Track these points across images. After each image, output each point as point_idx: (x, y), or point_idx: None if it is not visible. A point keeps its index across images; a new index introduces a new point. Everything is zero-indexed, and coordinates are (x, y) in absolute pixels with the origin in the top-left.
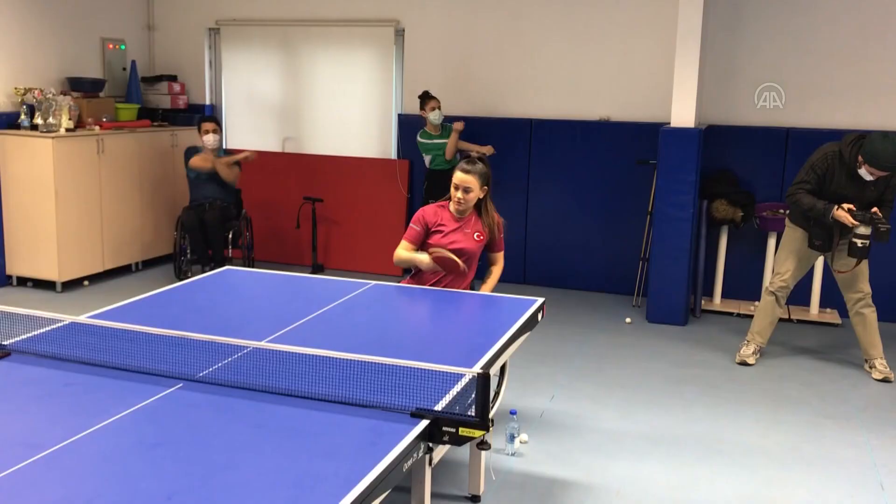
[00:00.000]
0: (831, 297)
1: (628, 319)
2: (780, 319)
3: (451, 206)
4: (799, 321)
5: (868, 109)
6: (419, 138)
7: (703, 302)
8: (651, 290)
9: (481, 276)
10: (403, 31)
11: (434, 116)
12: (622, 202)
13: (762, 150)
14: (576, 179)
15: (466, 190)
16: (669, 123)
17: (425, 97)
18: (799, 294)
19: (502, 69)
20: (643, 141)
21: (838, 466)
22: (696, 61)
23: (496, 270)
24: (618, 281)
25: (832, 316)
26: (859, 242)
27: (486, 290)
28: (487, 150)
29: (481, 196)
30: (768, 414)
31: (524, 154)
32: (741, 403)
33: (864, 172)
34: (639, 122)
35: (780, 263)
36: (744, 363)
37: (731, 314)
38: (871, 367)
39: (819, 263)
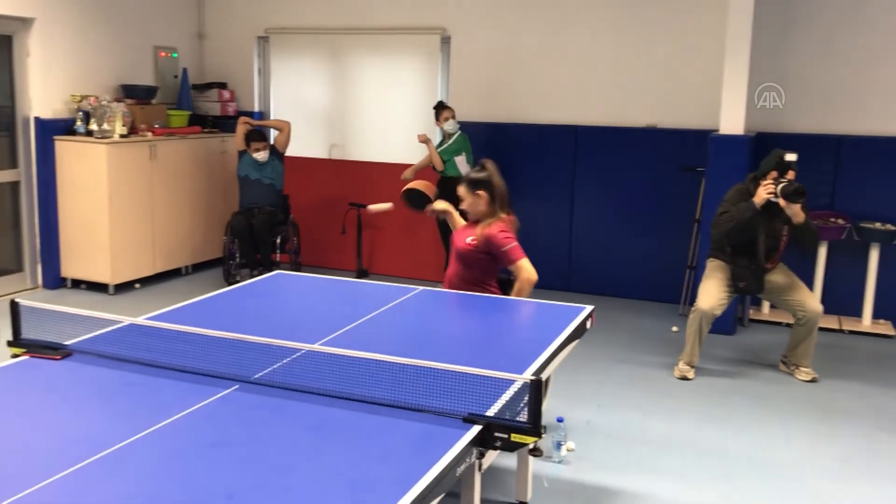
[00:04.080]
0: (884, 307)
1: (675, 328)
2: (833, 330)
3: None
4: (851, 332)
5: None
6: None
7: (751, 311)
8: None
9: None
10: (449, 38)
11: (449, 126)
12: (669, 210)
13: (812, 158)
14: (622, 187)
15: (462, 202)
16: (718, 130)
17: (440, 107)
18: (851, 304)
19: (548, 76)
20: (690, 148)
21: (893, 481)
22: (746, 67)
23: (515, 286)
24: (664, 289)
25: (885, 327)
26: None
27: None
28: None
29: (487, 200)
30: (820, 426)
31: (569, 161)
32: (791, 415)
33: (762, 192)
34: (686, 129)
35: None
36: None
37: (779, 324)
38: (794, 369)
39: (873, 267)
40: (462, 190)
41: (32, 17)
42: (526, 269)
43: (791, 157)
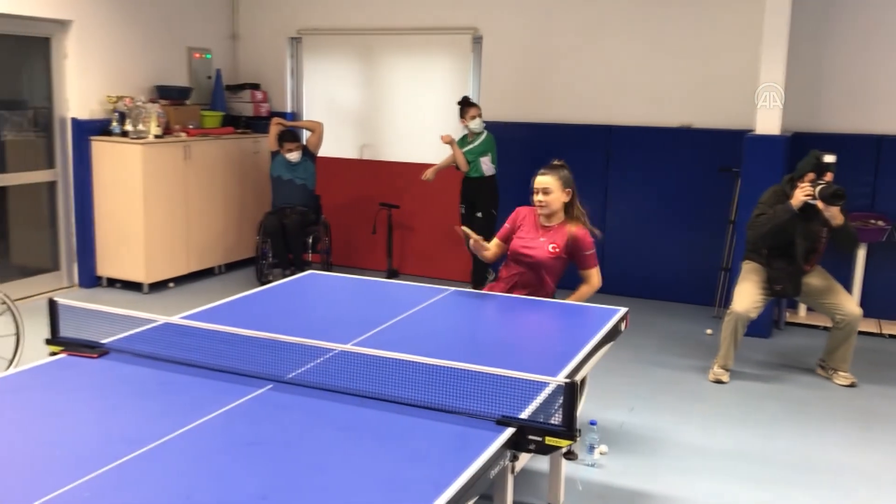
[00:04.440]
0: None
1: (709, 331)
2: (872, 334)
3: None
4: (891, 336)
5: None
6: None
7: (787, 314)
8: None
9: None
10: (481, 38)
11: (475, 125)
12: (703, 210)
13: (852, 159)
14: (655, 187)
15: (545, 192)
16: (754, 130)
17: (466, 104)
18: (891, 307)
19: (581, 76)
20: (725, 148)
21: None
22: (783, 65)
23: (583, 289)
24: (698, 291)
25: None
26: (829, 216)
27: (569, 301)
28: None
29: (566, 200)
30: (860, 432)
31: (602, 161)
32: (830, 420)
33: (800, 194)
34: (721, 129)
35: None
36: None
37: (816, 327)
38: (832, 374)
39: None
40: (551, 181)
41: (70, 20)
42: (597, 277)
43: (829, 158)
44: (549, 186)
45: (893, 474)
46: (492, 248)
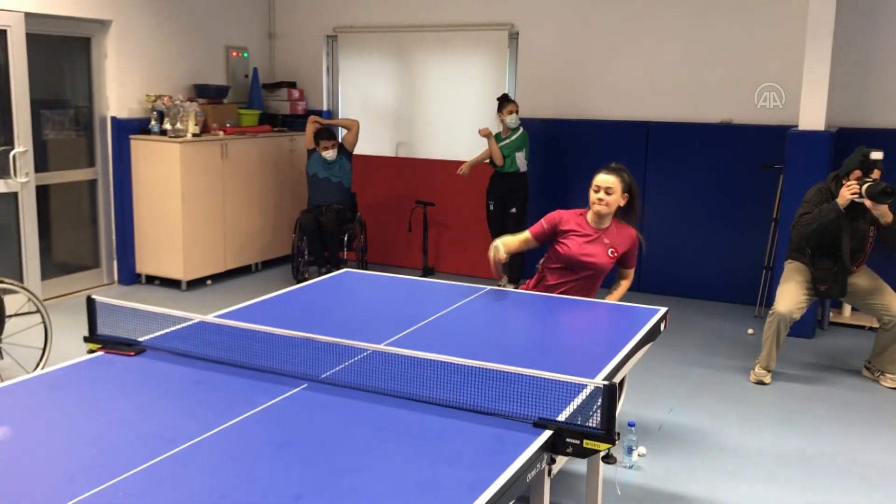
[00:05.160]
0: None
1: (750, 331)
2: None
3: (591, 212)
4: None
5: None
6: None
7: (831, 314)
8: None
9: (606, 284)
10: (518, 34)
11: (511, 120)
12: (745, 208)
13: None
14: (695, 184)
15: (608, 191)
16: (797, 126)
17: (504, 100)
18: None
19: (618, 71)
20: (768, 144)
21: None
22: (828, 59)
23: (625, 284)
24: (739, 290)
25: None
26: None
27: (611, 300)
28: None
29: (621, 204)
30: None
31: (640, 158)
32: (876, 423)
33: (846, 192)
34: (763, 125)
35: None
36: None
37: (861, 327)
38: (879, 375)
39: None
40: (614, 181)
41: (110, 20)
42: (632, 275)
43: (877, 155)
44: (612, 186)
45: None
46: (517, 241)
